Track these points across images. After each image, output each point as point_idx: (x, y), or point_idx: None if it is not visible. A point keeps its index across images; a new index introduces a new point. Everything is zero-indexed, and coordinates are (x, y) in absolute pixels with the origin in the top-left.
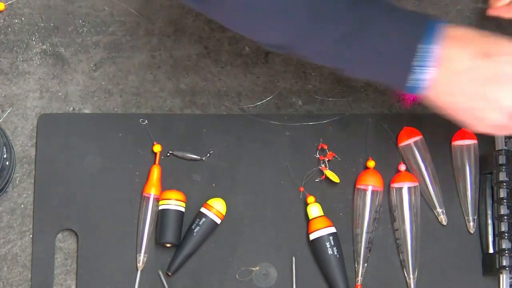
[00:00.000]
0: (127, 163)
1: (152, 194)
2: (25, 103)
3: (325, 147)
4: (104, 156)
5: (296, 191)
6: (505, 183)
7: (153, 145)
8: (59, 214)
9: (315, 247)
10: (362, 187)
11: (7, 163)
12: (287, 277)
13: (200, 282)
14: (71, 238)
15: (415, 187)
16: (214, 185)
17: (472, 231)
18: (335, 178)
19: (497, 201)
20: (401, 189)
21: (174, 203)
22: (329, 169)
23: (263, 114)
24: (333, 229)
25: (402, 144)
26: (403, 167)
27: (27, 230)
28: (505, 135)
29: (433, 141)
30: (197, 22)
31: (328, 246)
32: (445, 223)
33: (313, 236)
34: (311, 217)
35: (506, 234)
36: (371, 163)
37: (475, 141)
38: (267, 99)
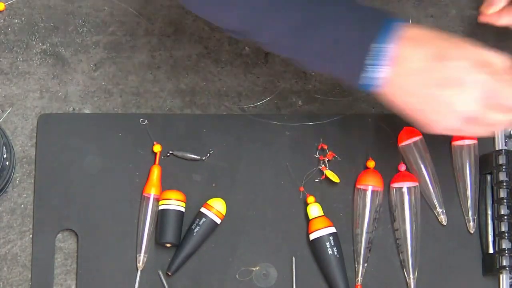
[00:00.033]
0: (127, 163)
1: (152, 194)
2: (25, 103)
3: (325, 147)
4: (104, 156)
5: (296, 191)
6: (505, 183)
7: (153, 145)
8: (59, 214)
9: (315, 247)
10: (362, 187)
11: (7, 163)
12: (287, 277)
13: (200, 282)
14: (71, 238)
15: (415, 187)
16: (214, 185)
17: (472, 231)
18: (335, 178)
19: (497, 201)
20: (401, 189)
21: (174, 203)
22: (329, 169)
23: (263, 114)
24: (333, 229)
25: (402, 144)
26: (403, 167)
27: (27, 230)
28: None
29: (433, 141)
30: (197, 22)
31: (328, 246)
32: (445, 223)
33: (313, 236)
34: (311, 217)
35: (506, 234)
36: (371, 163)
37: (475, 141)
38: (267, 99)
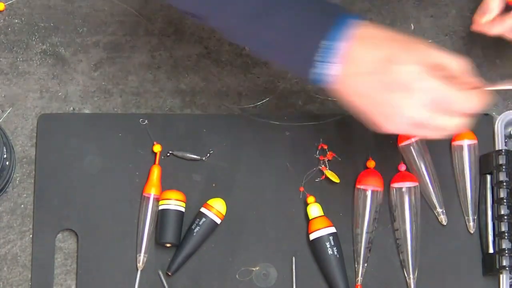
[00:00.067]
0: (127, 163)
1: (152, 194)
2: (25, 103)
3: (325, 147)
4: (104, 156)
5: (296, 191)
6: (505, 183)
7: (153, 145)
8: (59, 214)
9: (315, 247)
10: (362, 187)
11: (7, 163)
12: (287, 277)
13: (200, 282)
14: (71, 238)
15: (415, 187)
16: (214, 185)
17: (472, 231)
18: (335, 178)
19: (497, 201)
20: (401, 189)
21: (174, 203)
22: (329, 169)
23: (263, 114)
24: (333, 229)
25: (402, 144)
26: (403, 167)
27: (27, 230)
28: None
29: (433, 141)
30: None
31: (328, 246)
32: (445, 223)
33: (313, 236)
34: (311, 217)
35: (506, 234)
36: (371, 163)
37: (475, 141)
38: (267, 99)
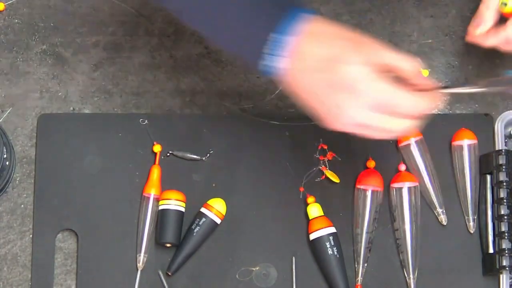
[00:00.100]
0: (127, 163)
1: (152, 194)
2: (25, 103)
3: (325, 147)
4: (104, 156)
5: (296, 191)
6: (505, 183)
7: (153, 145)
8: (59, 214)
9: (315, 247)
10: (362, 187)
11: (7, 163)
12: (287, 277)
13: (200, 282)
14: (71, 238)
15: (415, 187)
16: (214, 185)
17: (472, 231)
18: (335, 178)
19: (497, 201)
20: (401, 189)
21: (174, 203)
22: (329, 169)
23: (263, 114)
24: (333, 229)
25: (402, 144)
26: (403, 167)
27: (27, 230)
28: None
29: (433, 141)
30: None
31: (328, 246)
32: (445, 223)
33: (313, 236)
34: (311, 217)
35: (506, 234)
36: (371, 163)
37: (475, 141)
38: (267, 99)
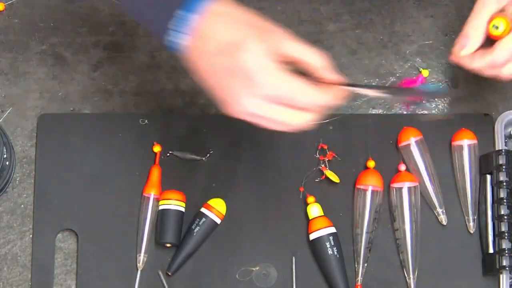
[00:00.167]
0: (127, 163)
1: (152, 194)
2: (25, 103)
3: (325, 147)
4: (104, 156)
5: (296, 191)
6: (505, 183)
7: (153, 145)
8: (59, 214)
9: (315, 247)
10: (362, 187)
11: (7, 163)
12: (287, 277)
13: (200, 282)
14: (71, 238)
15: (415, 187)
16: (214, 185)
17: (472, 231)
18: (335, 178)
19: (497, 201)
20: (401, 189)
21: (174, 203)
22: (329, 169)
23: None
24: (333, 229)
25: (402, 144)
26: (403, 167)
27: (27, 230)
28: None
29: (433, 141)
30: None
31: (328, 246)
32: (445, 223)
33: (313, 236)
34: (311, 217)
35: (506, 234)
36: (371, 163)
37: (475, 141)
38: None
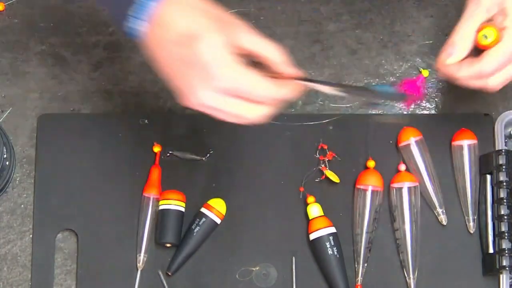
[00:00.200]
0: (127, 163)
1: (152, 194)
2: (25, 103)
3: (325, 147)
4: (104, 156)
5: (296, 191)
6: (505, 183)
7: (153, 145)
8: (59, 214)
9: (315, 247)
10: (362, 187)
11: (7, 163)
12: (287, 277)
13: (200, 282)
14: (71, 238)
15: (415, 187)
16: (214, 185)
17: (472, 231)
18: (335, 178)
19: (497, 201)
20: (401, 189)
21: (174, 203)
22: (329, 169)
23: None
24: (333, 229)
25: (402, 144)
26: (403, 167)
27: (27, 230)
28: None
29: (433, 141)
30: None
31: (328, 246)
32: (445, 223)
33: (313, 236)
34: (311, 217)
35: (506, 234)
36: (371, 163)
37: (475, 141)
38: None
